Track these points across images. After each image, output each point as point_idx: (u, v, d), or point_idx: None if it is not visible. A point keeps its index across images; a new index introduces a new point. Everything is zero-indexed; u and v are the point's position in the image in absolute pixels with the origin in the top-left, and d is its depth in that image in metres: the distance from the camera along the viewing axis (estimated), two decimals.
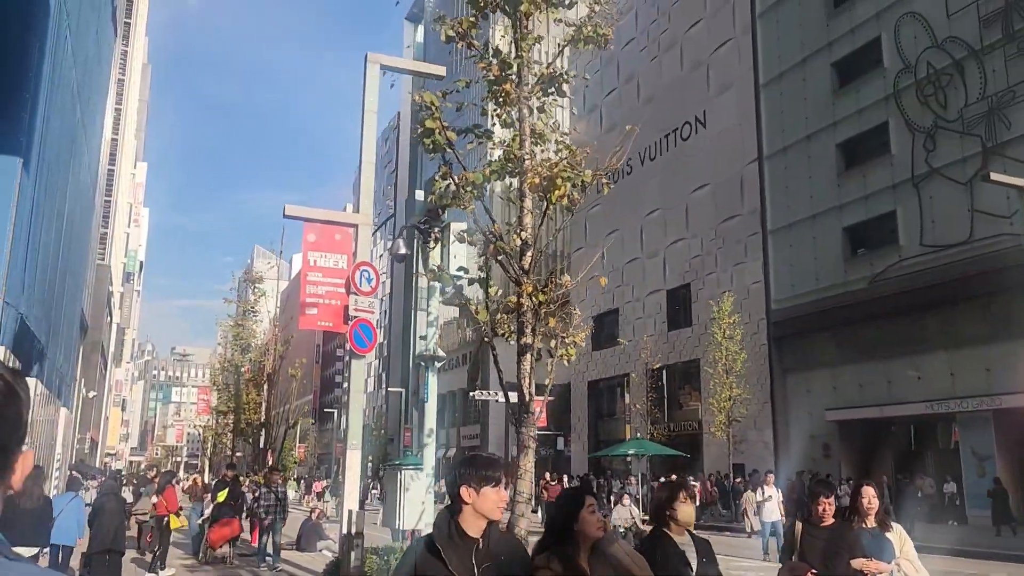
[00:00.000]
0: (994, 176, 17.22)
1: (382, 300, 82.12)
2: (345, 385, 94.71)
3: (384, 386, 77.39)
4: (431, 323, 8.47)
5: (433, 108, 6.12)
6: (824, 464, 29.09)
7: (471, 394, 44.42)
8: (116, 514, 10.85)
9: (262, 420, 15.81)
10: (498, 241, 6.34)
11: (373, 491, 33.81)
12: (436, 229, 8.71)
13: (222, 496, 14.25)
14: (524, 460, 5.93)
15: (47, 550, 8.49)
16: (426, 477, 8.05)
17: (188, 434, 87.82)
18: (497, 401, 41.91)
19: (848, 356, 28.56)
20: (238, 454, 63.99)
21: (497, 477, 2.56)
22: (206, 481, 17.02)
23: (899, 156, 26.96)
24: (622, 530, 14.10)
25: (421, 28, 79.73)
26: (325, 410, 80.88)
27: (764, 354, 31.78)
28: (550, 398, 33.33)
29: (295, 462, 25.11)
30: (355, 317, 10.99)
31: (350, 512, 10.11)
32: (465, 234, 8.57)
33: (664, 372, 36.70)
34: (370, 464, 74.59)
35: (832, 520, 4.77)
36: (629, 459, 21.40)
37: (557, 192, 6.10)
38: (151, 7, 75.86)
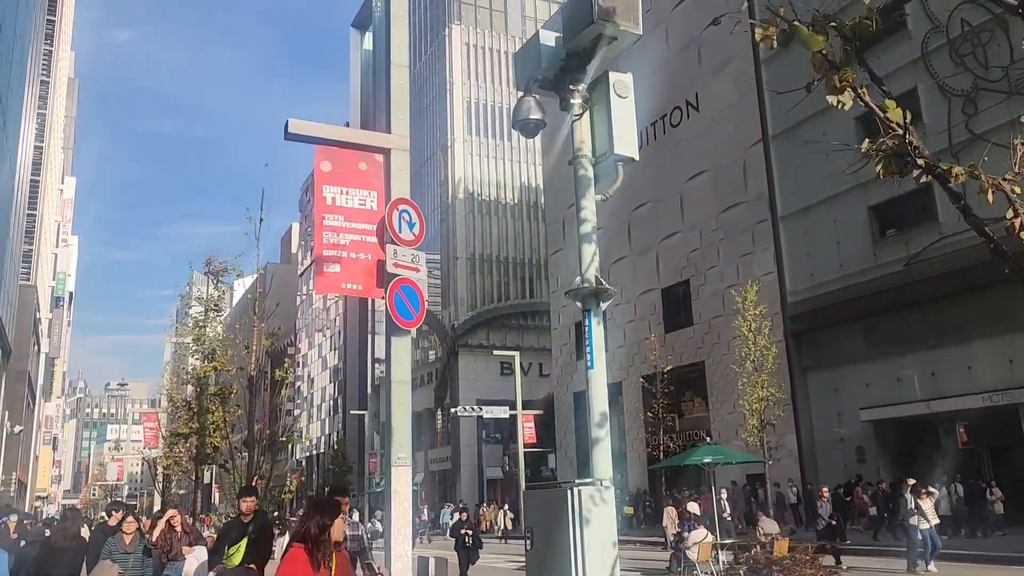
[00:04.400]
0: None
1: (336, 319, 77.52)
2: (297, 412, 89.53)
3: (341, 410, 72.60)
4: (586, 237, 5.02)
5: None
6: (858, 470, 26.25)
7: (452, 410, 40.71)
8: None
9: (243, 439, 12.28)
10: None
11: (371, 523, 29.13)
12: (581, 86, 5.29)
13: (238, 556, 7.48)
14: None
15: None
16: (613, 496, 4.56)
17: (128, 473, 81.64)
18: (482, 416, 38.25)
19: (882, 349, 25.81)
20: (181, 491, 58.50)
21: None
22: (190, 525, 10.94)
23: (932, 124, 24.38)
24: None
25: (370, 35, 76.05)
26: (278, 440, 75.46)
27: (781, 351, 28.87)
28: (538, 412, 29.28)
29: (290, 492, 20.95)
30: (395, 276, 7.50)
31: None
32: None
33: (660, 377, 33.47)
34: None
35: None
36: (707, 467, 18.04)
37: None
38: (76, 24, 70.98)
